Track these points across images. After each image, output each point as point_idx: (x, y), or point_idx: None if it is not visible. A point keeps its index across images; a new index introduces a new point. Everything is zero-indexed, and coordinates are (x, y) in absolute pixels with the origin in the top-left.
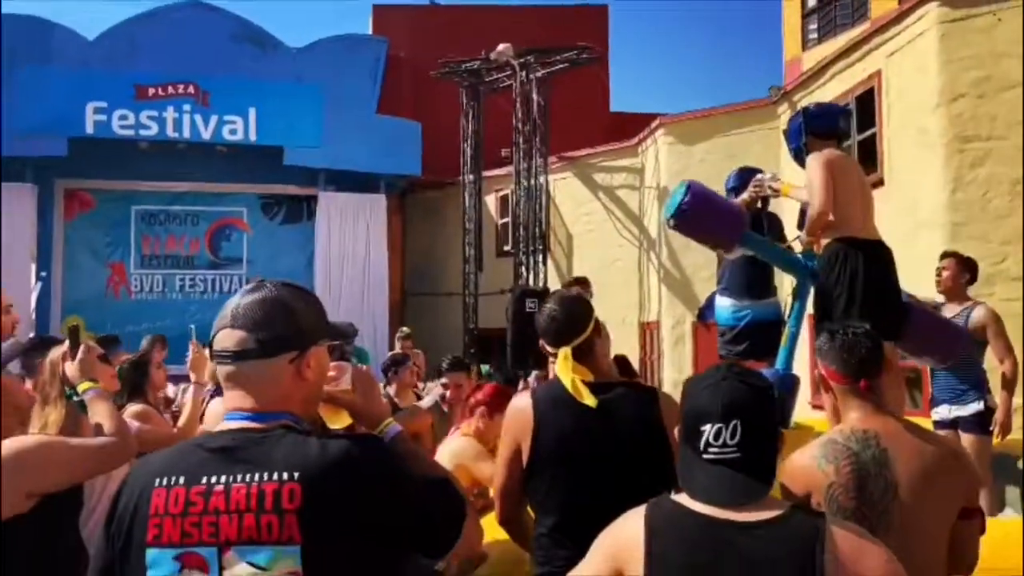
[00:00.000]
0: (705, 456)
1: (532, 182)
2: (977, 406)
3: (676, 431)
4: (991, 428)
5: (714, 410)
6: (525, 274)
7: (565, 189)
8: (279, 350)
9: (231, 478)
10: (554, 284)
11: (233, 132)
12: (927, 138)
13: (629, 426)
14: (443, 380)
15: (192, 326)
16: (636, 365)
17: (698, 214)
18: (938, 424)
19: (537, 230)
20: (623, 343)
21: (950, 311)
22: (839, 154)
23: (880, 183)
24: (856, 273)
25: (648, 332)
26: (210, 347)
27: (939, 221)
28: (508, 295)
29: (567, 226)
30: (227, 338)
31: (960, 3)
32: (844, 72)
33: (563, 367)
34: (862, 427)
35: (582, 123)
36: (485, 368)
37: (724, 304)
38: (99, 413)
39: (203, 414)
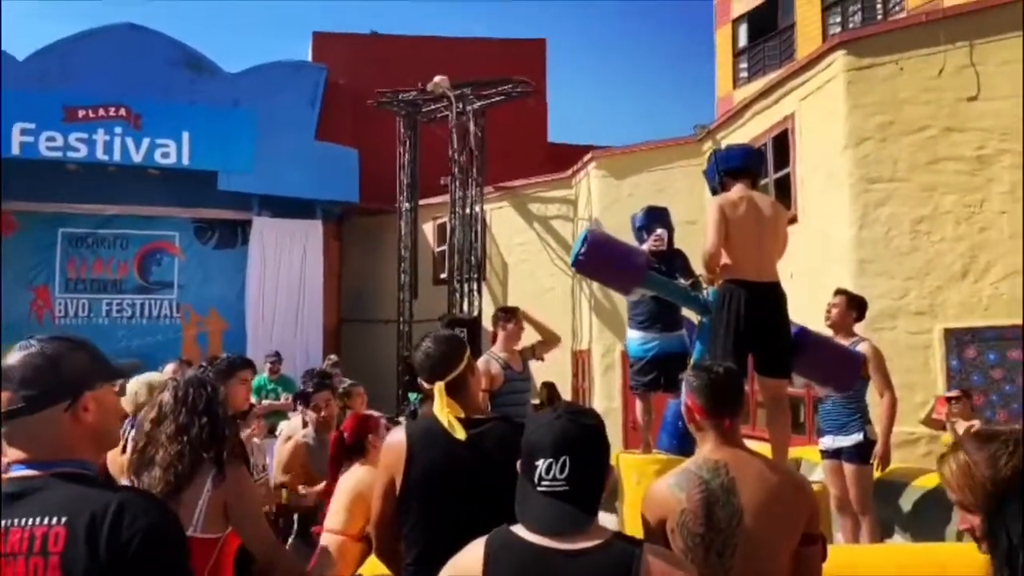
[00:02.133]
0: (539, 488)
1: (468, 211)
2: (858, 437)
3: (518, 464)
4: (871, 459)
5: (546, 446)
6: (460, 302)
7: (501, 218)
8: (47, 403)
9: (10, 523)
10: (489, 312)
11: (165, 156)
12: (835, 178)
13: (497, 459)
14: (313, 403)
15: None
16: (568, 392)
17: (594, 265)
18: (824, 454)
19: (473, 258)
20: (556, 370)
21: None
22: (736, 197)
23: (794, 220)
24: (739, 313)
25: (580, 360)
26: None
27: (847, 257)
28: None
29: (503, 255)
30: None
31: (865, 52)
32: (762, 113)
33: (437, 402)
34: (713, 457)
35: (520, 153)
36: (414, 396)
37: (633, 336)
38: None
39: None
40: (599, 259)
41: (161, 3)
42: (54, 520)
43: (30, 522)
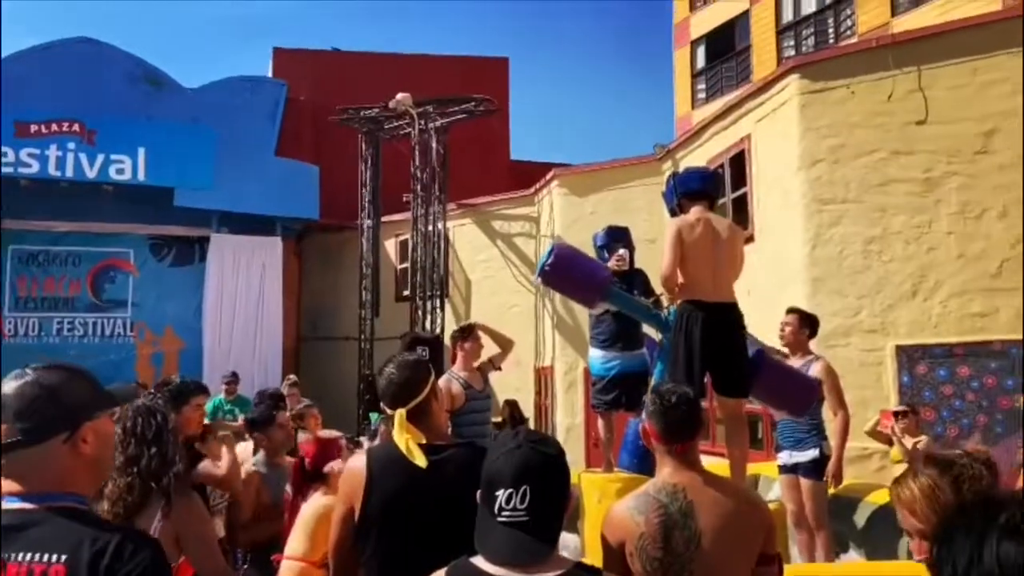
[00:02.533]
0: (499, 519)
1: (430, 228)
2: (813, 453)
3: (478, 494)
4: (825, 477)
5: (507, 475)
6: (423, 319)
7: (464, 236)
8: (46, 435)
9: (7, 556)
10: (451, 330)
11: (120, 172)
12: (790, 198)
13: (458, 486)
14: (278, 423)
15: None
16: (531, 409)
17: (559, 277)
18: (781, 469)
19: (436, 275)
20: (519, 387)
21: (791, 363)
22: (693, 219)
23: (751, 239)
24: (695, 333)
25: (543, 376)
26: None
27: (801, 276)
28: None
29: (465, 272)
30: None
31: (818, 76)
32: (720, 134)
33: (396, 429)
34: (672, 481)
35: (482, 171)
36: (376, 416)
37: (595, 355)
38: None
39: None
40: (564, 271)
41: (118, 17)
42: (54, 557)
43: (28, 557)
